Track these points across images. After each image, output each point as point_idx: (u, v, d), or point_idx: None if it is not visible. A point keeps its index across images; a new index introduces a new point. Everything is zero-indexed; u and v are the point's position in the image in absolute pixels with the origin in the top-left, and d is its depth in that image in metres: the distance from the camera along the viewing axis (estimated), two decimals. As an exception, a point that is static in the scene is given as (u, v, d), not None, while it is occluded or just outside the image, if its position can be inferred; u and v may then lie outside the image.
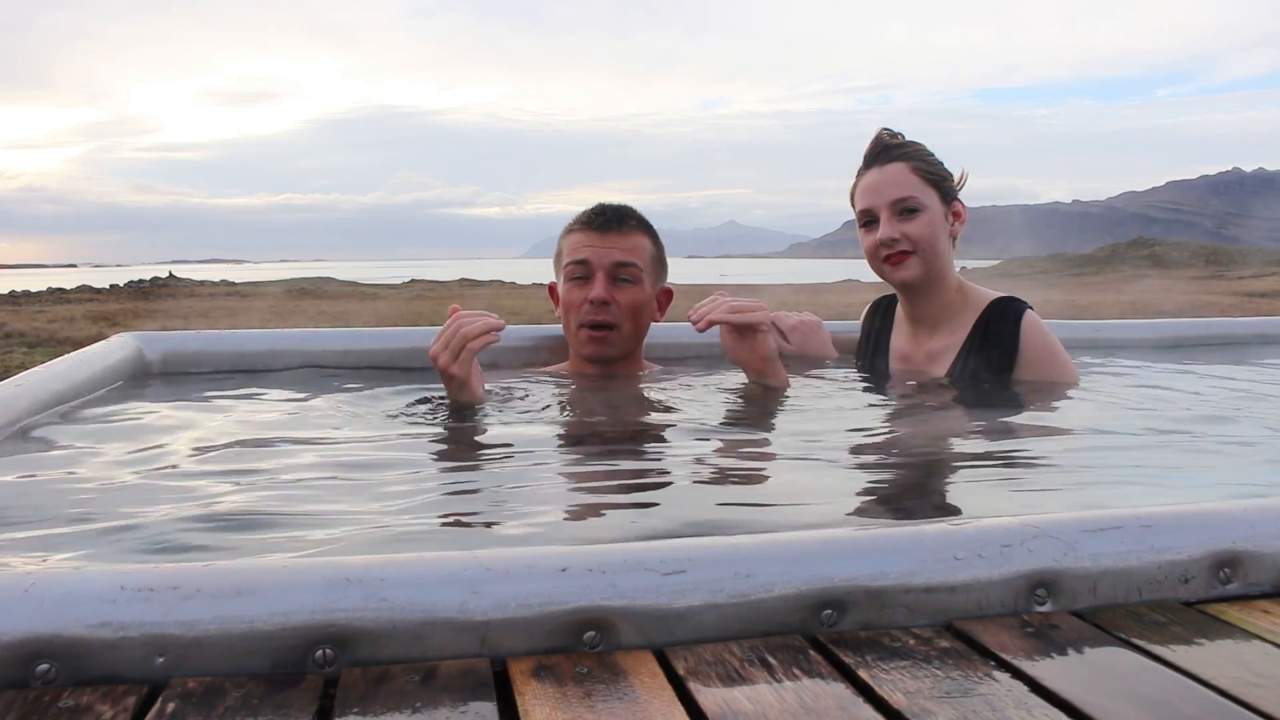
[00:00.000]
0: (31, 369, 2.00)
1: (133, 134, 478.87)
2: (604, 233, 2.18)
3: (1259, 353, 2.90)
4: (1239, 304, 14.44)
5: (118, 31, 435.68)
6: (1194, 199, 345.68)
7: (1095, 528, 0.95)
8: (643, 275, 2.19)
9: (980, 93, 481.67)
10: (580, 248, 2.18)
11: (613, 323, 2.16)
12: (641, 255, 2.20)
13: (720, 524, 1.23)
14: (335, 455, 1.60)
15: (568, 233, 2.26)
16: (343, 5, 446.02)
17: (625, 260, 2.16)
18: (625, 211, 2.23)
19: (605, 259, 2.16)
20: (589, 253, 2.17)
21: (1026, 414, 2.00)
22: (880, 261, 2.17)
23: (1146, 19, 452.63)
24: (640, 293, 2.19)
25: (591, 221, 2.20)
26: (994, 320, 2.14)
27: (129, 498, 1.32)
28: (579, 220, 2.23)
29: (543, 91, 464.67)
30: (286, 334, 2.61)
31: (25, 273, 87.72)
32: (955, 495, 1.48)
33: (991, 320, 2.14)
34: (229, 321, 11.22)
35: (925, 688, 0.76)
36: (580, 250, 2.18)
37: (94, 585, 0.79)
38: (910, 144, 2.18)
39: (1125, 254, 40.03)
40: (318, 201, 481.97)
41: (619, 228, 2.19)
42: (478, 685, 0.77)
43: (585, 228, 2.20)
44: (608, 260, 2.16)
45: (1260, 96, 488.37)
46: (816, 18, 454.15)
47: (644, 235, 2.22)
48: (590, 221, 2.20)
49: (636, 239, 2.20)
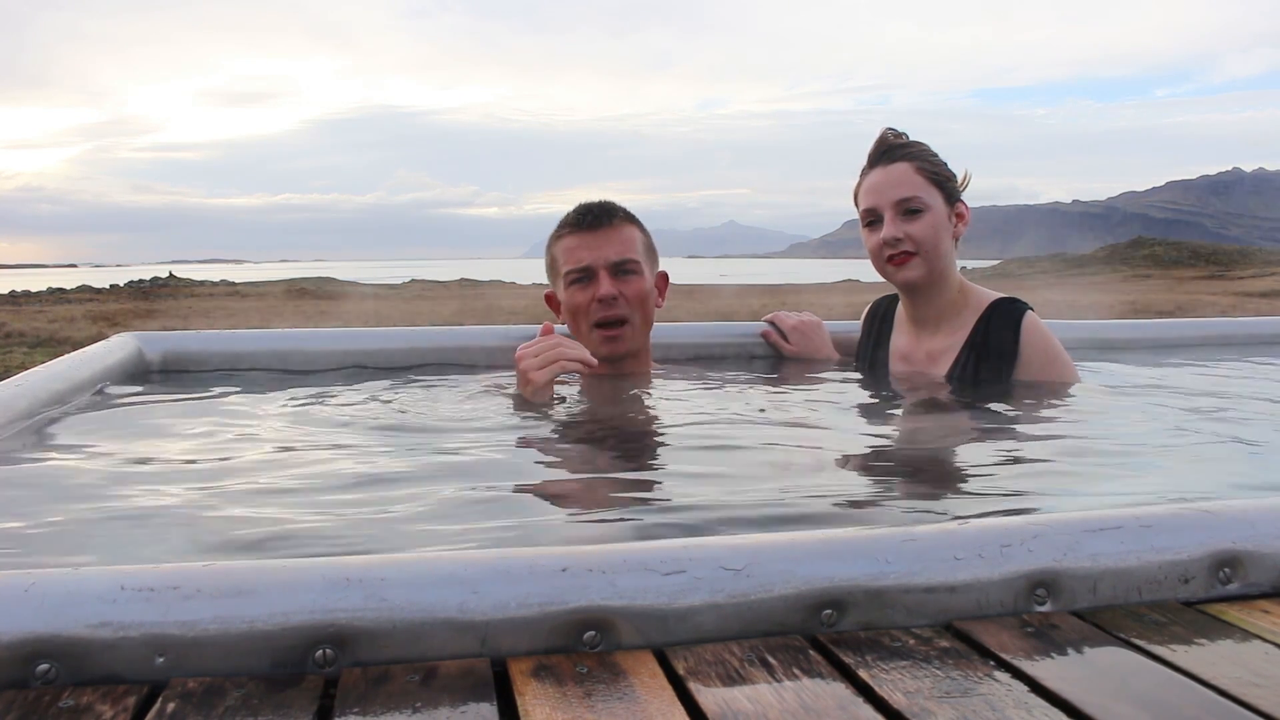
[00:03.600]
0: (31, 369, 2.00)
1: (131, 134, 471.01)
2: (595, 231, 2.19)
3: (1259, 352, 2.90)
4: (1239, 304, 14.44)
5: (116, 31, 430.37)
6: (1194, 199, 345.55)
7: (1095, 528, 0.95)
8: (641, 265, 2.22)
9: (979, 92, 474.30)
10: (576, 250, 2.19)
11: (624, 317, 2.18)
12: (635, 247, 2.23)
13: (720, 524, 1.23)
14: (335, 454, 1.60)
15: (557, 239, 2.26)
16: (340, 5, 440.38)
17: (623, 256, 2.19)
18: (609, 206, 2.25)
19: (604, 258, 2.17)
20: (587, 255, 2.18)
21: (1025, 414, 2.00)
22: (884, 262, 2.17)
23: (1144, 19, 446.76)
24: (643, 282, 2.22)
25: (580, 223, 2.21)
26: (994, 321, 2.14)
27: (129, 497, 1.32)
28: (566, 224, 2.24)
29: (541, 91, 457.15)
30: (286, 334, 2.61)
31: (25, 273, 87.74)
32: (955, 495, 1.48)
33: (992, 321, 2.14)
34: (229, 321, 11.22)
35: (925, 688, 0.76)
36: (577, 253, 2.19)
37: (94, 585, 0.79)
38: (915, 144, 2.19)
39: (1125, 254, 40.03)
40: (317, 201, 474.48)
41: (608, 223, 2.21)
42: (478, 685, 0.77)
43: (575, 230, 2.21)
44: (606, 258, 2.17)
45: (1259, 96, 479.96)
46: (814, 17, 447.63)
47: (632, 226, 2.25)
48: (579, 223, 2.21)
49: (627, 231, 2.23)
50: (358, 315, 12.07)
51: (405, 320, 11.03)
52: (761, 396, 2.26)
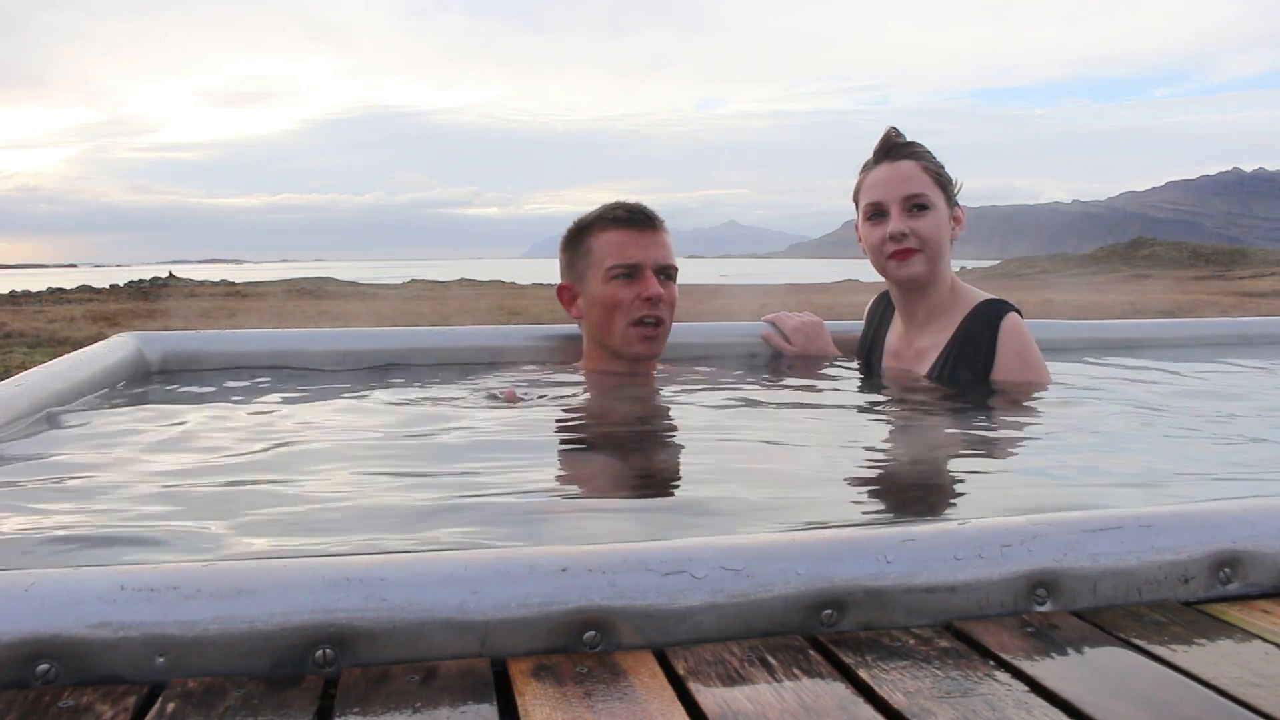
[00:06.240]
0: (31, 369, 2.00)
1: (129, 134, 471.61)
2: (646, 231, 2.21)
3: (1259, 352, 2.90)
4: (1239, 304, 14.43)
5: (113, 31, 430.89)
6: (1194, 199, 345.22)
7: (1095, 528, 0.95)
8: (677, 274, 2.27)
9: (977, 92, 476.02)
10: (626, 247, 2.19)
11: (662, 318, 2.21)
12: (674, 255, 2.28)
13: (720, 524, 1.23)
14: (334, 454, 1.60)
15: (600, 231, 2.23)
16: (339, 5, 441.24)
17: (669, 261, 2.23)
18: (653, 211, 2.28)
19: (653, 258, 2.20)
20: (638, 252, 2.18)
21: (1004, 414, 2.00)
22: (885, 257, 2.16)
23: (1142, 19, 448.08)
24: (675, 290, 2.26)
25: (631, 221, 2.21)
26: (976, 322, 2.15)
27: (129, 497, 1.32)
28: (611, 219, 2.23)
29: (539, 91, 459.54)
30: (286, 334, 2.61)
31: (25, 273, 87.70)
32: (955, 495, 1.48)
33: (974, 322, 2.15)
34: (229, 321, 11.22)
35: (925, 688, 0.76)
36: (627, 249, 2.19)
37: (94, 585, 0.79)
38: (919, 144, 2.20)
39: (1125, 254, 40.01)
40: (316, 201, 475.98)
41: (657, 226, 2.24)
42: (478, 685, 0.77)
43: (625, 227, 2.21)
44: (655, 259, 2.20)
45: (1258, 96, 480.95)
46: (812, 18, 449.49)
47: (669, 235, 2.27)
48: (630, 221, 2.21)
49: (669, 239, 2.27)
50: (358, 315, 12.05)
51: (406, 320, 11.02)
52: (762, 396, 2.26)
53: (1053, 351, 2.58)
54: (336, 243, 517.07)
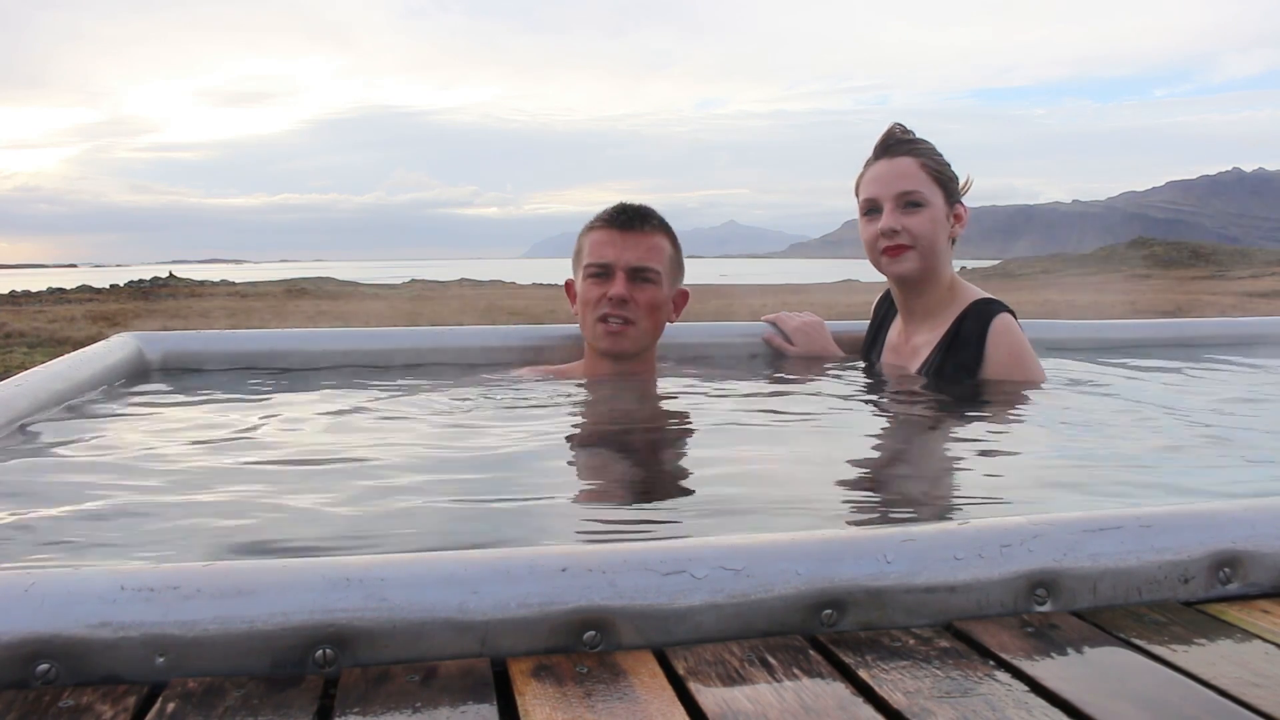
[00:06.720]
0: (31, 369, 2.00)
1: (129, 134, 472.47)
2: (625, 231, 2.20)
3: (1258, 352, 2.90)
4: (1239, 304, 14.43)
5: (113, 31, 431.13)
6: (1194, 199, 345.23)
7: (1095, 528, 0.95)
8: (661, 276, 2.21)
9: (977, 92, 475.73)
10: (602, 246, 2.19)
11: (630, 319, 2.18)
12: (660, 257, 2.22)
13: (720, 524, 1.23)
14: (334, 454, 1.60)
15: (589, 230, 2.26)
16: (339, 5, 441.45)
17: (645, 264, 2.19)
18: (646, 212, 2.25)
19: (625, 259, 2.17)
20: (610, 252, 2.18)
21: (1000, 413, 2.00)
22: (878, 253, 2.18)
23: (1142, 19, 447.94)
24: (658, 293, 2.21)
25: (613, 220, 2.21)
26: (967, 320, 2.15)
27: (128, 497, 1.32)
28: (601, 218, 2.24)
29: (539, 91, 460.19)
30: (286, 334, 2.61)
31: (25, 273, 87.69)
32: (955, 495, 1.48)
33: (966, 320, 2.15)
34: (229, 321, 11.21)
35: (925, 688, 0.76)
36: (601, 249, 2.19)
37: (94, 585, 0.79)
38: (921, 141, 2.20)
39: (1125, 254, 40.00)
40: (316, 201, 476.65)
41: (640, 227, 2.21)
42: (478, 685, 0.77)
43: (607, 226, 2.21)
44: (627, 261, 2.17)
45: (1258, 96, 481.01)
46: (812, 18, 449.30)
47: (664, 236, 2.24)
48: (612, 220, 2.21)
49: (656, 240, 2.22)
50: (358, 315, 12.05)
51: (406, 320, 11.02)
52: (762, 396, 2.26)
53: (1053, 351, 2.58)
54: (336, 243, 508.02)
